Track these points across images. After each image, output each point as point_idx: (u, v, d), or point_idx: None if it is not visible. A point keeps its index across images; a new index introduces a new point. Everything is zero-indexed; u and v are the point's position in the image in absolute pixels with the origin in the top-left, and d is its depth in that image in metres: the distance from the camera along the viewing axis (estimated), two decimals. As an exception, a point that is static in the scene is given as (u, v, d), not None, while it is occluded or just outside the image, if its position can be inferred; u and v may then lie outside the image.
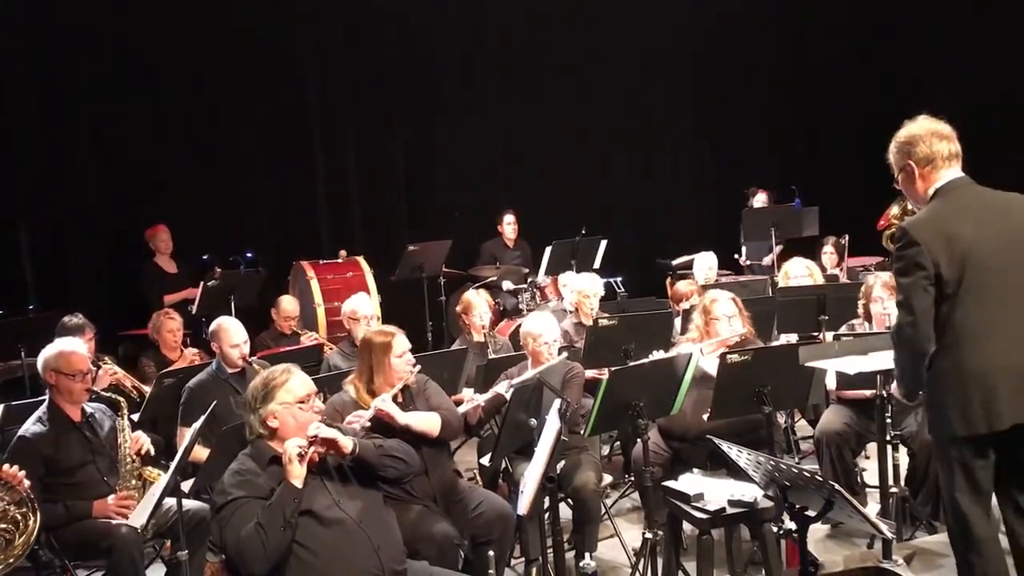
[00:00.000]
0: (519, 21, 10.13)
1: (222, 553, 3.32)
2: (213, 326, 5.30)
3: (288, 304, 7.18)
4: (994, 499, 3.41)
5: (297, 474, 3.20)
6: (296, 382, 3.40)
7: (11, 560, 3.87)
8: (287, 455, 3.22)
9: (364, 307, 6.11)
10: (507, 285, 8.56)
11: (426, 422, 4.14)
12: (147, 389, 5.46)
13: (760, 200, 9.24)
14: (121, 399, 4.54)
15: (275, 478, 3.26)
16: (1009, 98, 9.29)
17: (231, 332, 5.18)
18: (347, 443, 3.33)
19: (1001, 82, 9.44)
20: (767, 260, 8.46)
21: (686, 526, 4.23)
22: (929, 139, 3.40)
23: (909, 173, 3.44)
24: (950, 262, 3.24)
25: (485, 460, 4.95)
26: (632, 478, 5.42)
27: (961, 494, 3.34)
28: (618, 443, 6.31)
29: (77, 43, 8.26)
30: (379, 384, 4.15)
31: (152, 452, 4.49)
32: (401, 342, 4.23)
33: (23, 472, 3.92)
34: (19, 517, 3.91)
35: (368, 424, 3.98)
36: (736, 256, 9.00)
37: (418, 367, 4.27)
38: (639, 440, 4.32)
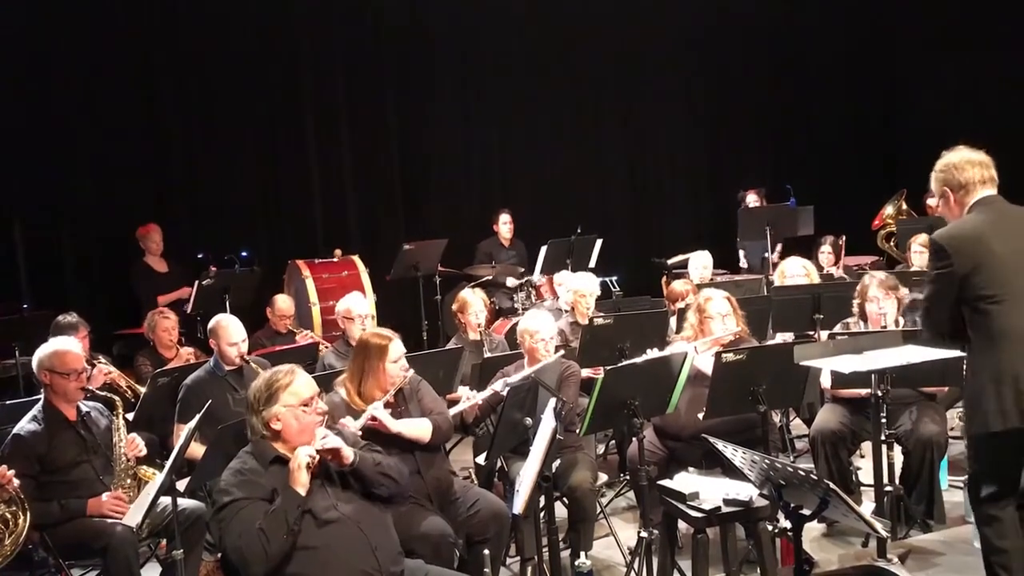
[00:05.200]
0: (515, 20, 10.13)
1: (219, 552, 3.30)
2: (212, 323, 5.29)
3: (283, 303, 7.17)
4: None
5: (303, 482, 3.19)
6: (300, 384, 3.36)
7: (0, 559, 3.86)
8: (296, 462, 3.20)
9: (359, 306, 6.11)
10: (511, 282, 8.56)
11: (417, 429, 4.14)
12: (141, 389, 5.45)
13: (752, 200, 9.25)
14: (116, 398, 4.54)
15: (277, 478, 3.24)
16: (1005, 98, 9.32)
17: (229, 330, 5.17)
18: (349, 454, 3.32)
19: (996, 82, 9.47)
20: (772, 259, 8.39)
21: (681, 525, 4.24)
22: (963, 167, 3.61)
23: (947, 199, 3.66)
24: (982, 270, 3.45)
25: (481, 459, 4.94)
26: (627, 477, 5.43)
27: (992, 502, 3.51)
28: (613, 442, 6.32)
29: (71, 41, 8.23)
30: (370, 387, 4.14)
31: (144, 452, 4.48)
32: (397, 347, 4.20)
33: (12, 471, 3.92)
34: (8, 516, 3.91)
35: (359, 431, 3.96)
36: (740, 265, 8.99)
37: (411, 371, 4.26)
38: (634, 439, 4.33)
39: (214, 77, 8.92)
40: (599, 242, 8.32)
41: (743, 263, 8.97)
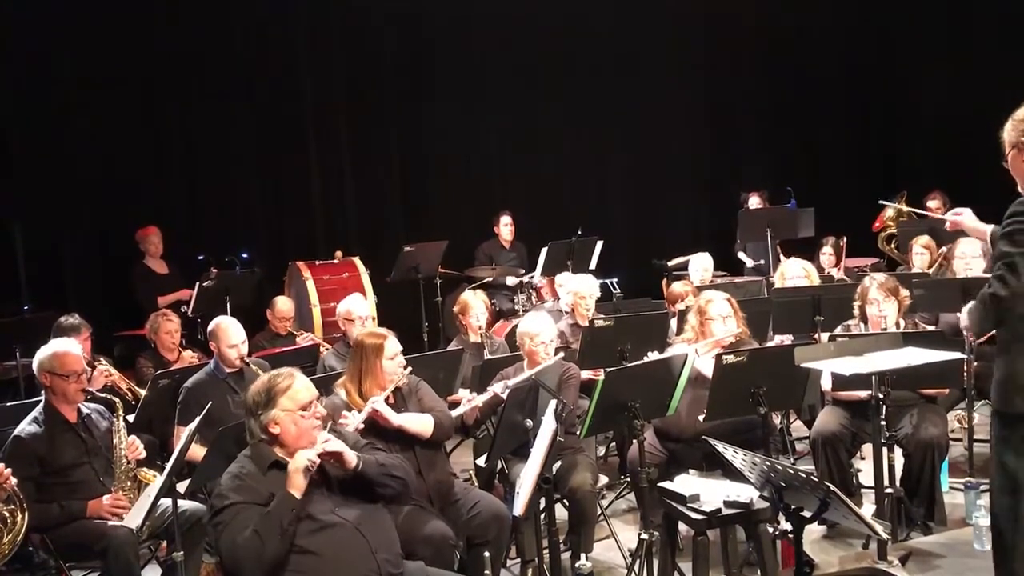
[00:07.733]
0: (516, 21, 10.13)
1: (217, 556, 3.30)
2: (211, 326, 5.29)
3: (284, 305, 7.17)
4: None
5: (299, 485, 3.18)
6: (298, 388, 3.34)
7: None
8: (295, 466, 3.20)
9: (359, 308, 6.11)
10: (511, 281, 8.56)
11: (419, 423, 4.16)
12: (142, 391, 5.44)
13: (754, 203, 9.25)
14: (117, 400, 4.53)
15: (275, 482, 3.23)
16: (1006, 99, 9.29)
17: (229, 332, 5.17)
18: (352, 458, 3.32)
19: (997, 83, 9.45)
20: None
21: (682, 527, 4.23)
22: None
23: (1021, 150, 3.48)
24: None
25: (481, 461, 4.95)
26: (628, 479, 5.42)
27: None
28: (614, 444, 6.32)
29: (71, 44, 8.25)
30: (369, 386, 4.16)
31: (144, 455, 4.48)
32: (392, 344, 4.23)
33: (9, 470, 3.92)
34: (6, 515, 3.92)
35: (361, 425, 3.99)
36: (747, 266, 8.98)
37: (409, 369, 4.27)
38: (635, 441, 4.33)
39: (214, 77, 8.93)
40: (599, 244, 8.31)
41: (748, 263, 8.95)
